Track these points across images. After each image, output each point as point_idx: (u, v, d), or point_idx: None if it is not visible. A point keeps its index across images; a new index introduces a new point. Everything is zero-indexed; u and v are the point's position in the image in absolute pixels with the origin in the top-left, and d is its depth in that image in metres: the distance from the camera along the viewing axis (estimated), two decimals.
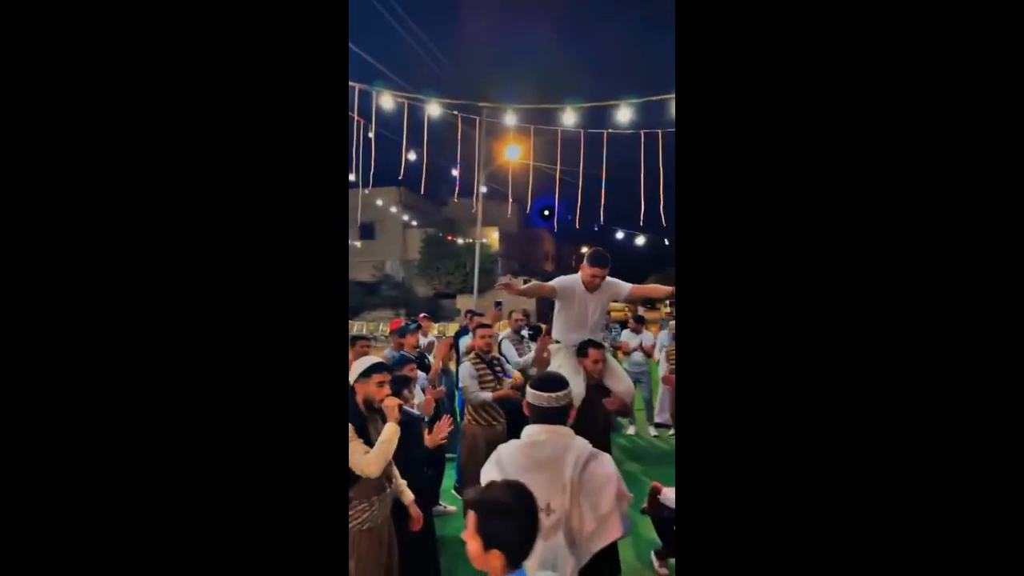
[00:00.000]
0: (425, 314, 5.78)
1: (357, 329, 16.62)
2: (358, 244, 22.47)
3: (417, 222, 23.16)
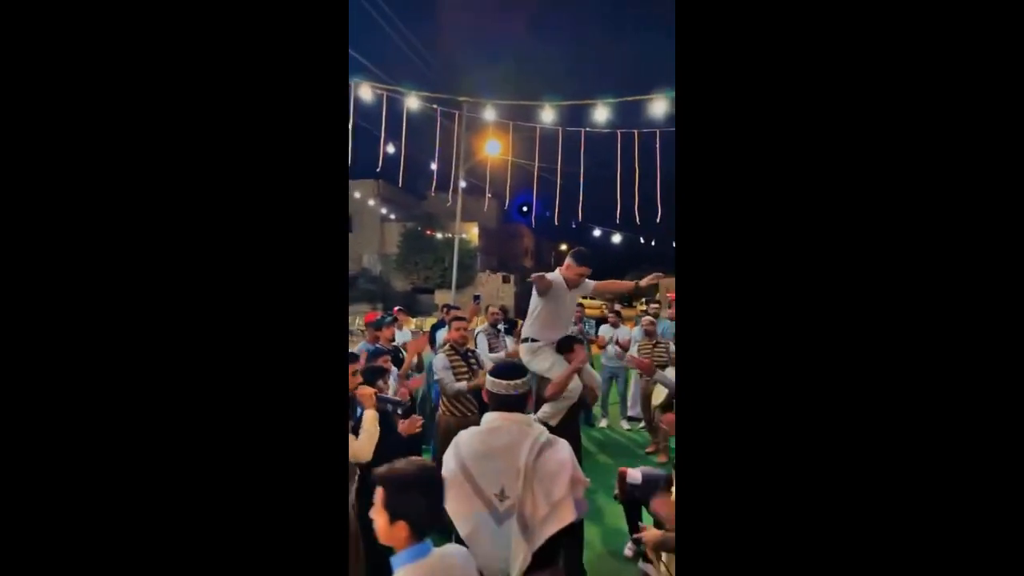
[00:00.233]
0: (400, 307, 5.75)
1: None
2: None
3: (395, 215, 22.92)
